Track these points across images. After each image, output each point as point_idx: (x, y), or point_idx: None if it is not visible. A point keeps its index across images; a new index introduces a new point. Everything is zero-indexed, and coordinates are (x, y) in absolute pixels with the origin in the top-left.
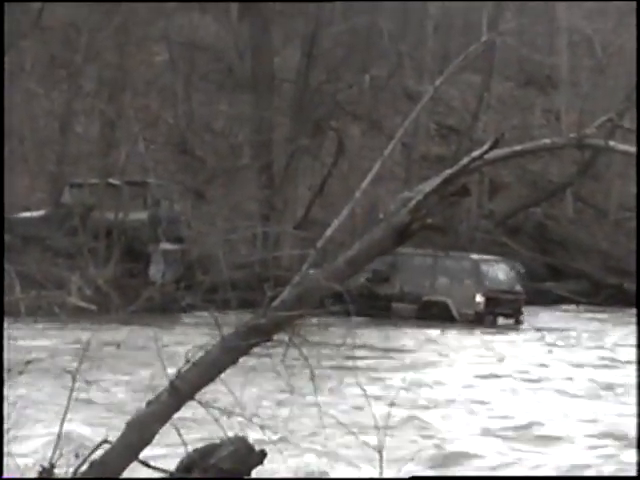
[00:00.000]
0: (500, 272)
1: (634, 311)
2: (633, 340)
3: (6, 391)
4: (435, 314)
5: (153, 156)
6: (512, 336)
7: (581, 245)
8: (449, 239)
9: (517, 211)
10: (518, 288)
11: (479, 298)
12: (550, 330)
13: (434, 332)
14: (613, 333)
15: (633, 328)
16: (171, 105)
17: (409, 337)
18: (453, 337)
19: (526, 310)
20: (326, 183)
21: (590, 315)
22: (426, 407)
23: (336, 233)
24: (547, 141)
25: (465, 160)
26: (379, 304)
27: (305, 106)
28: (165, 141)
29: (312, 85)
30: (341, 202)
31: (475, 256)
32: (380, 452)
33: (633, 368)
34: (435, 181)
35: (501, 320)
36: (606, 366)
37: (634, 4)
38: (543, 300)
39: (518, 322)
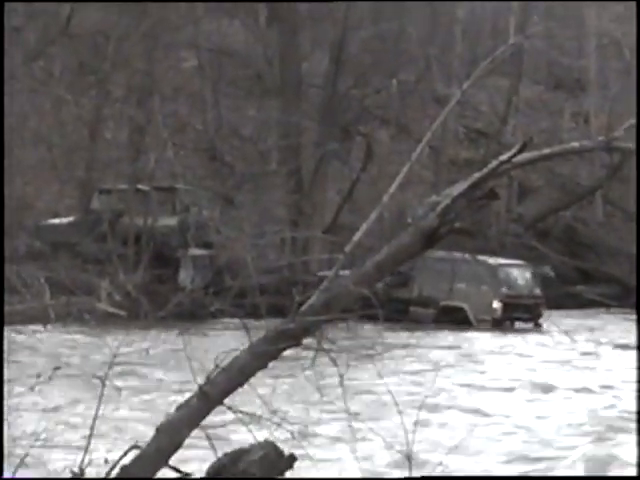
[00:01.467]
0: (519, 277)
1: None
2: None
3: (36, 397)
4: (453, 319)
5: (182, 162)
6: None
7: (610, 248)
8: (478, 243)
9: (546, 215)
10: (537, 292)
11: (496, 304)
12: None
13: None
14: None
15: None
16: (200, 111)
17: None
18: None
19: (554, 313)
20: (355, 188)
21: (621, 316)
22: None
23: (364, 238)
24: (576, 144)
25: (493, 164)
26: (397, 308)
27: (333, 111)
28: (194, 147)
29: (340, 90)
30: (369, 207)
31: (493, 261)
32: (409, 458)
33: None
34: (463, 185)
35: (519, 324)
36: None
37: None
38: (573, 304)
39: (537, 325)
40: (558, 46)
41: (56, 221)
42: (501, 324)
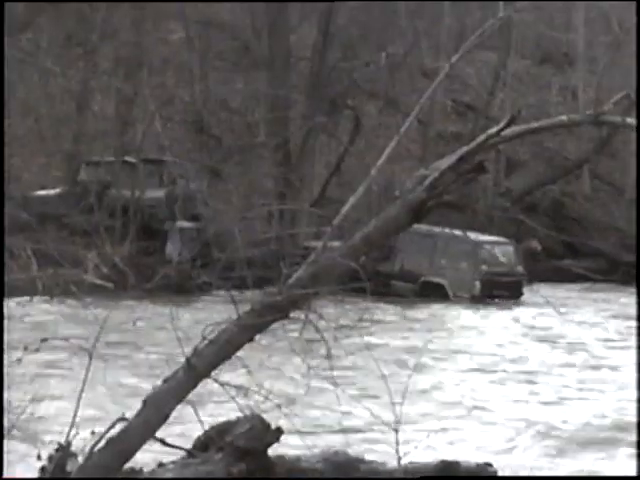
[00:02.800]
0: (501, 254)
1: None
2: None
3: (24, 368)
4: (433, 294)
5: (169, 134)
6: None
7: (598, 223)
8: (465, 217)
9: (534, 189)
10: (519, 270)
11: (475, 282)
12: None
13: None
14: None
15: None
16: (187, 83)
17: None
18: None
19: (538, 287)
20: (342, 161)
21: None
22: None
23: (352, 211)
24: (564, 118)
25: (481, 137)
26: (379, 282)
27: (321, 84)
28: (181, 119)
29: (328, 63)
30: (357, 180)
31: (475, 237)
32: (396, 430)
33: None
34: (451, 159)
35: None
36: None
37: None
38: (560, 277)
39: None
40: (546, 20)
41: (43, 193)
42: (479, 301)
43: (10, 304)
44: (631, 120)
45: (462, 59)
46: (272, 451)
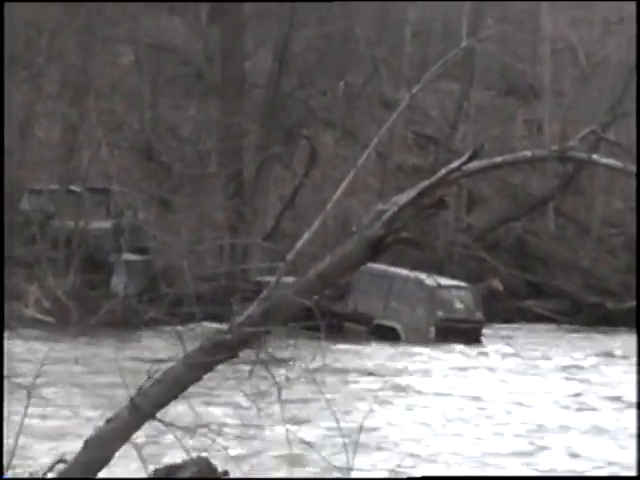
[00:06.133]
0: (459, 299)
1: (616, 331)
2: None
3: None
4: (385, 337)
5: (116, 162)
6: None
7: (562, 262)
8: (425, 254)
9: (496, 225)
10: (478, 316)
11: (430, 327)
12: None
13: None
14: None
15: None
16: (136, 109)
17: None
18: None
19: (500, 328)
20: (297, 193)
21: (567, 335)
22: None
23: (307, 246)
24: (528, 153)
25: (442, 171)
26: (332, 322)
27: (276, 113)
28: (129, 147)
29: (284, 91)
30: (313, 213)
31: (431, 281)
32: (349, 468)
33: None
34: (411, 193)
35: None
36: None
37: (620, 13)
38: (522, 318)
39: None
40: (512, 50)
41: None
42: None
43: None
44: (597, 157)
45: (424, 89)
46: None
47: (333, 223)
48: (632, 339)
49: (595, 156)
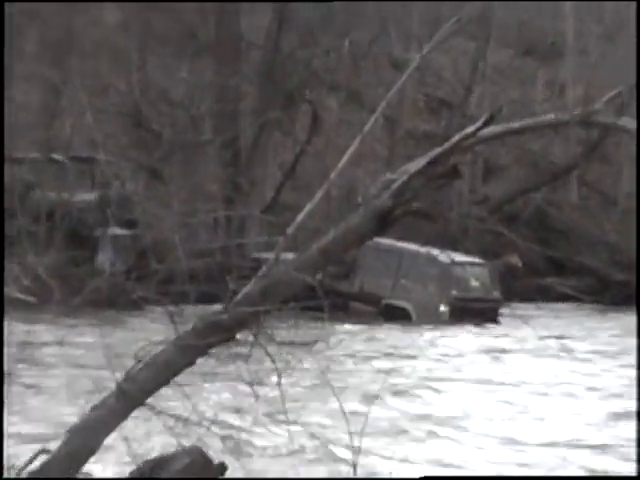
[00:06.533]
0: (475, 276)
1: None
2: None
3: None
4: (395, 319)
5: (102, 128)
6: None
7: (586, 236)
8: (437, 228)
9: (515, 196)
10: (495, 295)
11: (442, 308)
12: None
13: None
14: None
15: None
16: (124, 71)
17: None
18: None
19: (519, 307)
20: (298, 162)
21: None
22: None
23: (309, 219)
24: (549, 117)
25: (456, 138)
26: (336, 303)
27: (276, 74)
28: (116, 112)
29: (284, 51)
30: (315, 184)
31: (445, 257)
32: (354, 466)
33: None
34: (422, 161)
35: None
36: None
37: None
38: (543, 297)
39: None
40: (531, 6)
41: None
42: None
43: None
44: (625, 121)
45: (436, 49)
46: None
47: (337, 194)
48: None
49: (622, 120)
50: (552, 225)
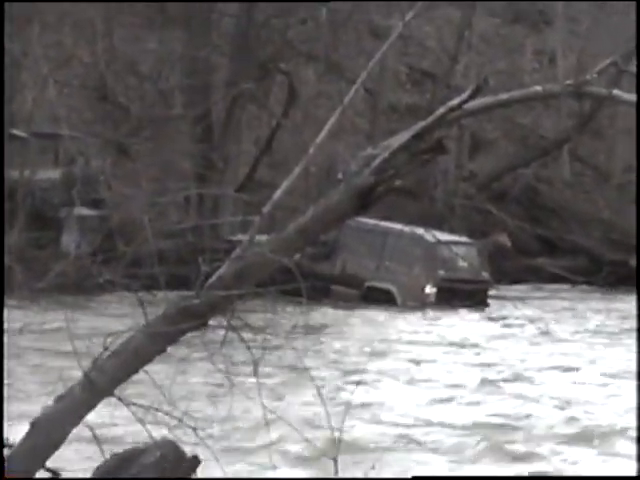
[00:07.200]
0: (462, 256)
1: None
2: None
3: None
4: (379, 302)
5: (66, 103)
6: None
7: (579, 214)
8: (422, 206)
9: (503, 173)
10: (484, 276)
11: (429, 289)
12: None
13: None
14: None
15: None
16: (88, 41)
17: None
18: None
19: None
20: (275, 137)
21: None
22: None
23: (285, 197)
24: (539, 88)
25: (441, 110)
26: (317, 285)
27: (249, 45)
28: (81, 85)
29: (258, 20)
30: (293, 159)
31: (431, 236)
32: (335, 459)
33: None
34: (405, 136)
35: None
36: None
37: None
38: (534, 278)
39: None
40: None
41: None
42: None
43: None
44: (618, 92)
45: (419, 16)
46: None
47: (316, 171)
48: None
49: (615, 91)
50: (543, 202)
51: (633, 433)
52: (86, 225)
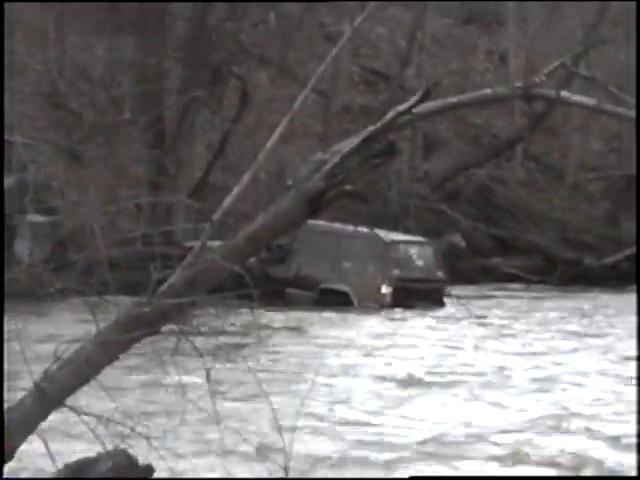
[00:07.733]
0: (417, 255)
1: (594, 292)
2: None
3: None
4: (335, 303)
5: (18, 109)
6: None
7: (533, 213)
8: (375, 208)
9: (457, 173)
10: (439, 275)
11: (385, 289)
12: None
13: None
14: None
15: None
16: (40, 48)
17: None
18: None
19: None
20: (227, 141)
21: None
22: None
23: (237, 203)
24: (488, 91)
25: (391, 114)
26: (272, 289)
27: (202, 49)
28: (32, 91)
29: (210, 23)
30: (245, 164)
31: (385, 236)
32: (286, 469)
33: None
34: (355, 139)
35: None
36: None
37: None
38: (488, 278)
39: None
40: None
41: None
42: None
43: None
44: (566, 94)
45: (370, 18)
46: None
47: (266, 176)
48: (611, 299)
49: (564, 93)
50: (497, 202)
51: None
52: (39, 232)
